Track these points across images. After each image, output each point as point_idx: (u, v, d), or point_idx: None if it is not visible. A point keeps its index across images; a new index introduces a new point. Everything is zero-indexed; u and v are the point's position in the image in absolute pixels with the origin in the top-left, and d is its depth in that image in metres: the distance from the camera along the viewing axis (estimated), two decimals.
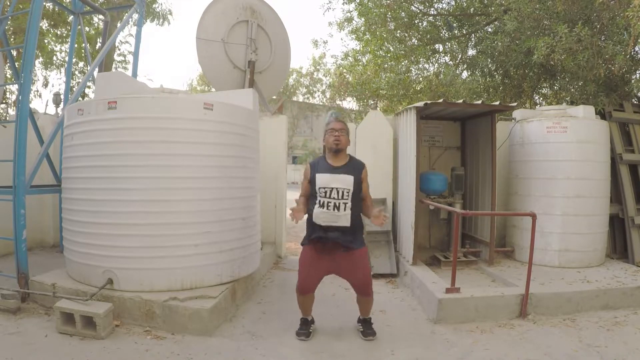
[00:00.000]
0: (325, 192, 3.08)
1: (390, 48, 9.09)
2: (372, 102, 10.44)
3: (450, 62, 9.26)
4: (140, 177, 3.52)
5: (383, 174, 5.68)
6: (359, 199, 3.22)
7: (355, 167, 3.21)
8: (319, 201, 3.09)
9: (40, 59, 9.93)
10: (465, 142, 6.12)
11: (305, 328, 3.38)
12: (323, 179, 3.11)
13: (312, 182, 3.18)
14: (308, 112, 27.48)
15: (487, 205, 5.37)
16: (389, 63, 9.39)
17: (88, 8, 6.19)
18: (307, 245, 3.27)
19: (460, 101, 5.06)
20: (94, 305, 3.28)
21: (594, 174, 4.99)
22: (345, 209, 3.07)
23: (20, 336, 3.20)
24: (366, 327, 3.40)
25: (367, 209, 3.27)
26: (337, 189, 3.07)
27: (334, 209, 3.06)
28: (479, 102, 5.28)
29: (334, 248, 3.14)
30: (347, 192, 3.08)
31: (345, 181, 3.10)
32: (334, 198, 3.07)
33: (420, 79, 9.33)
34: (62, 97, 7.21)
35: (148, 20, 10.09)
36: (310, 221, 3.22)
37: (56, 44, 10.28)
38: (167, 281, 3.57)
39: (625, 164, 5.70)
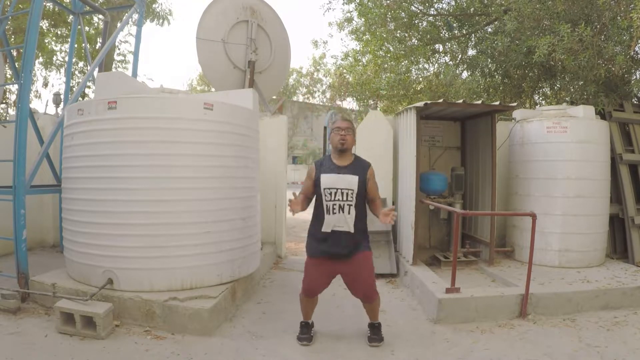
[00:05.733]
0: (331, 194, 3.07)
1: (390, 48, 9.08)
2: (372, 102, 10.42)
3: (450, 62, 9.24)
4: (140, 177, 3.52)
5: (383, 174, 5.68)
6: (363, 201, 3.19)
7: (360, 167, 3.19)
8: (326, 206, 3.09)
9: (40, 59, 9.93)
10: (465, 142, 6.12)
11: (307, 332, 3.35)
12: (328, 180, 3.10)
13: (316, 182, 3.16)
14: (308, 112, 27.53)
15: (487, 205, 5.37)
16: (389, 63, 9.37)
17: (88, 8, 6.20)
18: (311, 258, 3.25)
19: (460, 101, 5.05)
20: (94, 305, 3.28)
21: (594, 174, 4.99)
22: (349, 212, 3.07)
23: (20, 336, 3.20)
24: (373, 333, 3.34)
25: (376, 208, 3.21)
26: (341, 190, 3.07)
27: (339, 211, 3.07)
28: (479, 102, 5.27)
29: (339, 258, 3.15)
30: (352, 193, 3.07)
31: (350, 181, 3.09)
32: (338, 200, 3.07)
33: (420, 79, 9.31)
34: (62, 97, 7.21)
35: (148, 20, 10.09)
36: (312, 234, 3.23)
37: (56, 44, 10.29)
38: (167, 281, 3.57)
39: (625, 164, 5.70)
